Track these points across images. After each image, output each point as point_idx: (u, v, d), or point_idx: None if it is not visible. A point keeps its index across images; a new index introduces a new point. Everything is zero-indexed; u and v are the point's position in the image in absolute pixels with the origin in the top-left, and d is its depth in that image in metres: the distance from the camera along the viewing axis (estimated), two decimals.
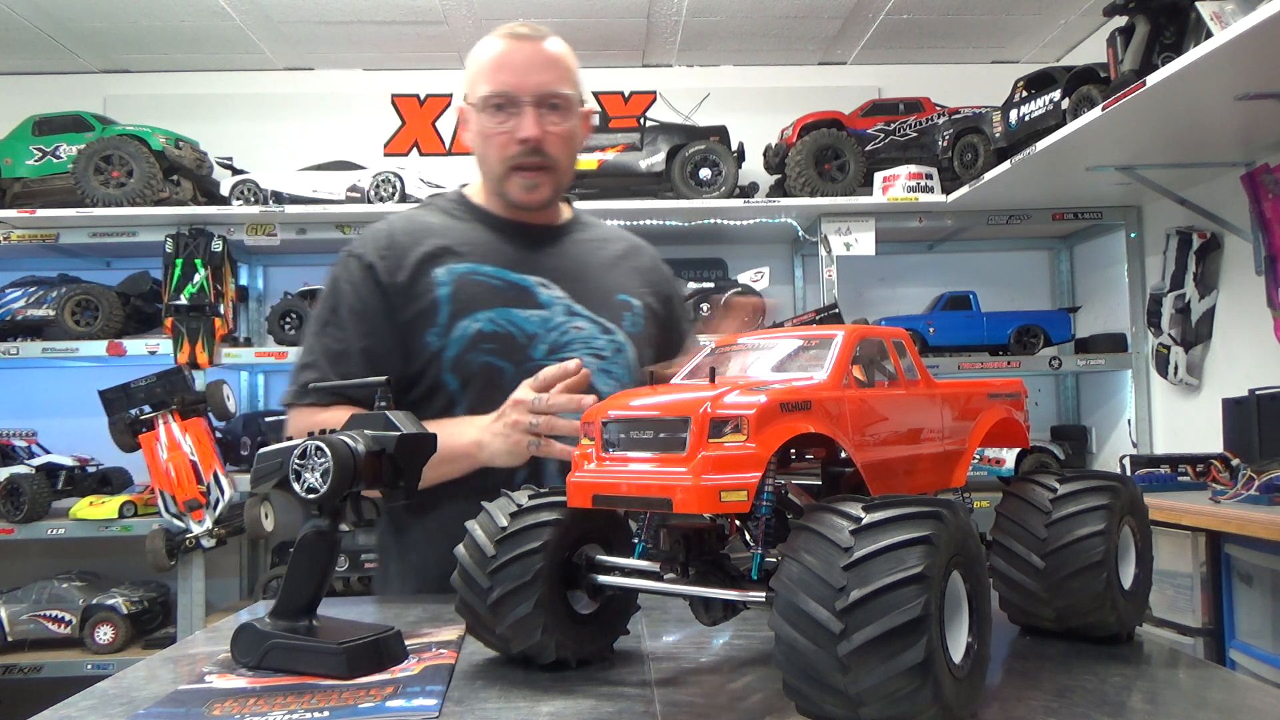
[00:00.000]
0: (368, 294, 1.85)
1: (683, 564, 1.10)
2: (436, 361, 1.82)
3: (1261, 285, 3.40)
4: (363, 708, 1.02)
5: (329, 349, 1.83)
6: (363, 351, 1.82)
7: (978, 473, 4.03)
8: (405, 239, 1.90)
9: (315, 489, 1.18)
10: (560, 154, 1.90)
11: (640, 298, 2.01)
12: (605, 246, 2.07)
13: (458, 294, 1.84)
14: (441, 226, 1.95)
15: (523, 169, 1.89)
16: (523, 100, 1.85)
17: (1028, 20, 4.47)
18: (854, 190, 4.23)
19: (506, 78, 1.86)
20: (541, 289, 1.90)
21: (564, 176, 1.96)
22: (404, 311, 1.84)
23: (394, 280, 1.85)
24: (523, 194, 1.91)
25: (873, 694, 0.84)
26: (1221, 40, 2.38)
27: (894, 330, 1.20)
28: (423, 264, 1.86)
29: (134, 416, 3.74)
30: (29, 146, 4.18)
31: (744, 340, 1.24)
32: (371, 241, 1.91)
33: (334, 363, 1.82)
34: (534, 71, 1.86)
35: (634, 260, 2.08)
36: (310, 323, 1.91)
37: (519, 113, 1.86)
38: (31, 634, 3.87)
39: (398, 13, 4.26)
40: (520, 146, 1.86)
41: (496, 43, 1.89)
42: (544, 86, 1.86)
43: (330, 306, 1.87)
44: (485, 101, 1.87)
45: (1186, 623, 2.76)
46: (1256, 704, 1.04)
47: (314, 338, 1.87)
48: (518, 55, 1.86)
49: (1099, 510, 1.19)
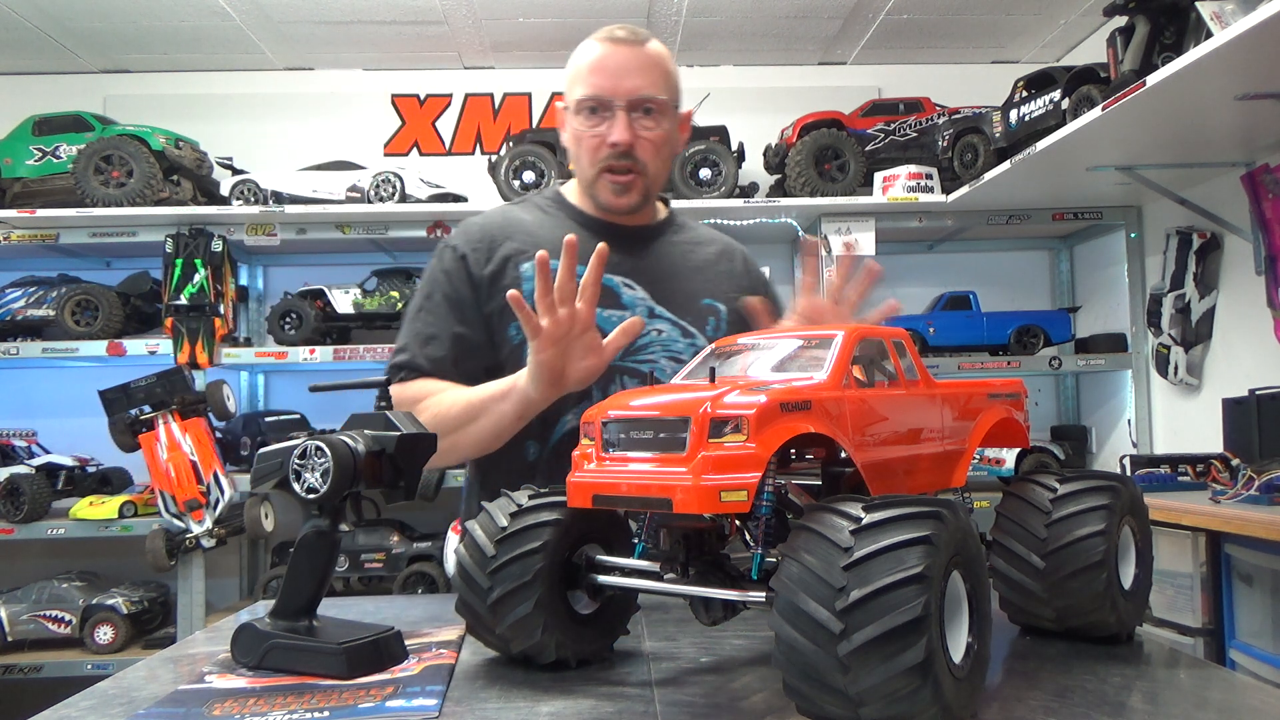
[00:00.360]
0: (460, 283, 1.91)
1: (683, 564, 1.10)
2: (517, 355, 1.84)
3: (1261, 285, 3.40)
4: (363, 708, 1.02)
5: (420, 332, 1.90)
6: (454, 338, 1.89)
7: (978, 473, 4.03)
8: (497, 233, 1.95)
9: (315, 489, 1.18)
10: (651, 159, 1.91)
11: (727, 303, 1.99)
12: (697, 249, 2.07)
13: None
14: (533, 223, 1.98)
15: (612, 171, 1.90)
16: (615, 104, 1.85)
17: (1028, 20, 4.47)
18: (854, 190, 4.23)
19: (601, 81, 1.86)
20: (625, 289, 1.91)
21: (655, 181, 1.96)
22: (491, 303, 1.90)
23: (483, 272, 1.90)
24: (612, 197, 1.93)
25: (873, 694, 0.84)
26: (1221, 40, 2.38)
27: (894, 330, 1.20)
28: (510, 258, 1.91)
29: (134, 416, 3.74)
30: (29, 146, 4.18)
31: (744, 340, 1.24)
32: (465, 234, 1.97)
33: (423, 345, 1.89)
34: (628, 76, 1.86)
35: (725, 264, 2.08)
36: (408, 310, 1.98)
37: (611, 117, 1.86)
38: (31, 634, 3.87)
39: (398, 13, 4.26)
40: (610, 150, 1.87)
41: (595, 46, 1.90)
42: (637, 91, 1.86)
43: (425, 294, 1.94)
44: (579, 105, 1.88)
45: (1186, 623, 2.76)
46: (1256, 704, 1.04)
47: (409, 323, 1.94)
48: (613, 59, 1.87)
49: (1099, 510, 1.19)
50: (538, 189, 4.19)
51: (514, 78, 4.90)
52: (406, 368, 1.89)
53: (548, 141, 4.25)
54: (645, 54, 1.89)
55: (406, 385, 1.87)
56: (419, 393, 1.84)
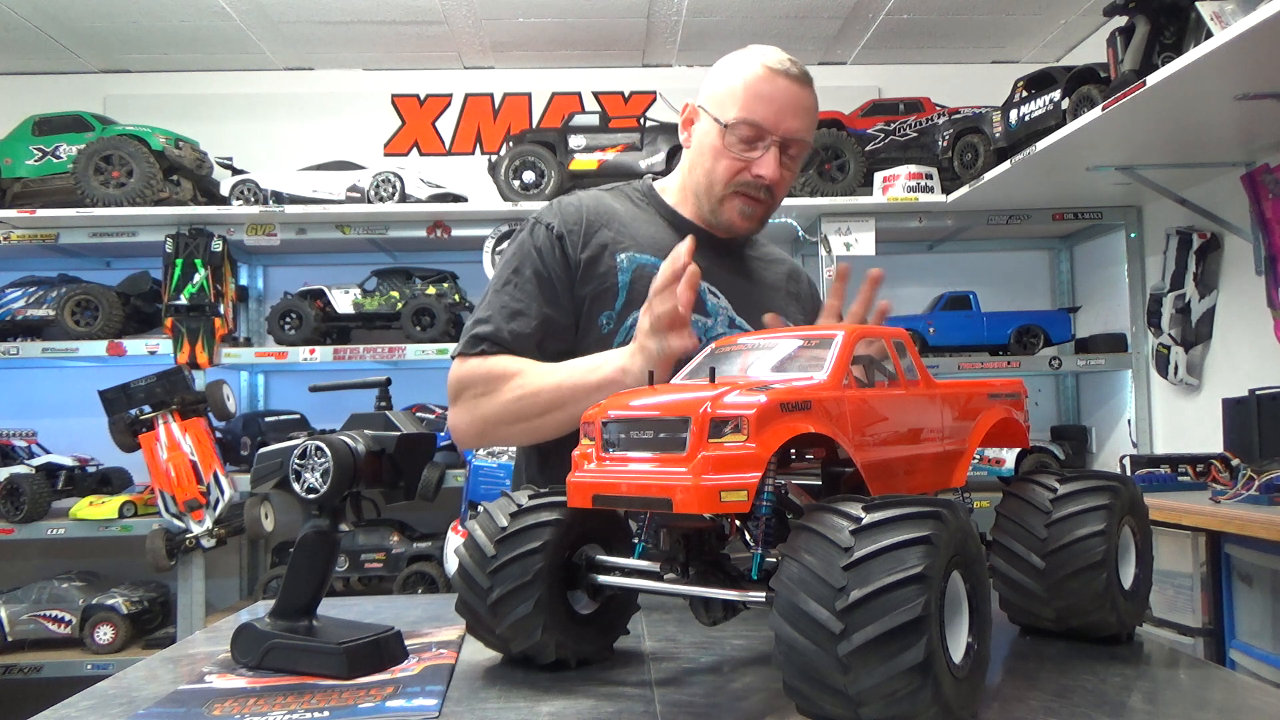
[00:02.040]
0: (554, 262, 1.86)
1: (683, 564, 1.10)
2: (603, 344, 1.82)
3: (1261, 285, 3.40)
4: (363, 708, 1.02)
5: (506, 305, 1.84)
6: (542, 318, 1.83)
7: (978, 473, 4.03)
8: (594, 218, 1.91)
9: (315, 489, 1.18)
10: (780, 195, 1.92)
11: (795, 322, 2.02)
12: (771, 267, 2.09)
13: (635, 283, 1.84)
14: (627, 215, 1.96)
15: (746, 196, 1.89)
16: (772, 139, 1.84)
17: (1028, 20, 4.47)
18: (854, 190, 4.23)
19: (765, 111, 1.83)
20: (710, 296, 1.91)
21: (770, 214, 1.98)
22: (584, 288, 1.86)
23: (579, 255, 1.86)
24: (738, 219, 1.92)
25: (873, 694, 0.84)
26: (1221, 40, 2.38)
27: (894, 330, 1.20)
28: (607, 246, 1.88)
29: (134, 416, 3.74)
30: (29, 146, 4.18)
31: (744, 340, 1.24)
32: (562, 213, 1.92)
33: (509, 319, 1.82)
34: (791, 115, 1.84)
35: (794, 285, 2.11)
36: (492, 282, 1.91)
37: (764, 149, 1.84)
38: (31, 634, 3.87)
39: (398, 13, 4.26)
40: (753, 179, 1.86)
41: (763, 70, 1.85)
42: (795, 132, 1.85)
43: (514, 267, 1.87)
44: (734, 126, 1.84)
45: (1186, 623, 2.76)
46: (1256, 704, 1.04)
47: (494, 294, 1.87)
48: (782, 93, 1.83)
49: (1099, 510, 1.19)
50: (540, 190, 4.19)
51: (514, 78, 4.90)
52: (490, 340, 1.82)
53: (548, 141, 4.25)
54: (809, 96, 1.88)
55: (488, 359, 1.81)
56: (503, 370, 1.78)
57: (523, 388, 1.74)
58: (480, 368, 1.80)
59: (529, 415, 1.75)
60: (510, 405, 1.75)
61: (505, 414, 1.76)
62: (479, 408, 1.79)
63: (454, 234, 4.18)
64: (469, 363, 1.82)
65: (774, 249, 2.17)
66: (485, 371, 1.79)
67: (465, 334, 1.86)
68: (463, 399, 1.82)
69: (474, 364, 1.81)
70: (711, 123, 1.88)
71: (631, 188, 2.06)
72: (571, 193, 2.00)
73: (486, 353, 1.82)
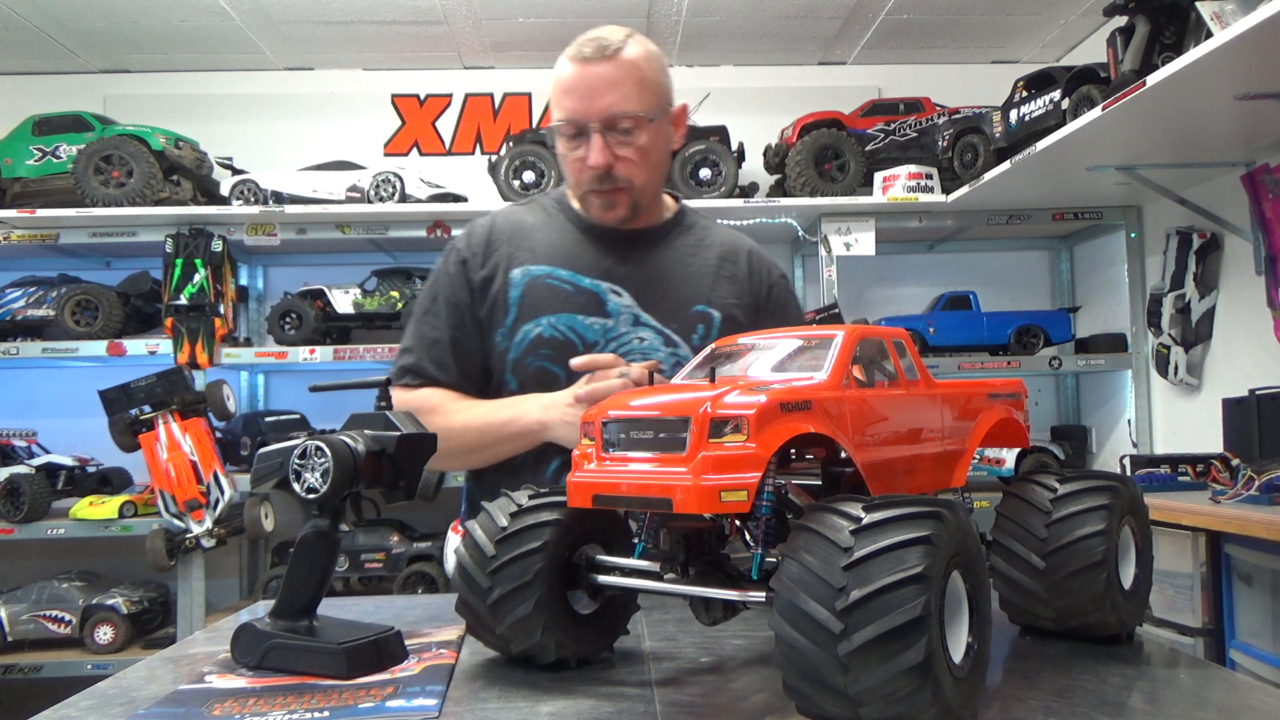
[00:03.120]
0: (459, 288, 1.93)
1: (683, 564, 1.10)
2: (502, 361, 1.89)
3: (1261, 285, 3.40)
4: (363, 708, 1.02)
5: (425, 335, 1.93)
6: (452, 341, 1.91)
7: (978, 473, 4.03)
8: (496, 236, 1.96)
9: (315, 489, 1.18)
10: (634, 174, 1.87)
11: (724, 309, 1.95)
12: (698, 253, 2.01)
13: (526, 297, 1.88)
14: (533, 226, 1.98)
15: (598, 192, 1.89)
16: (590, 127, 1.83)
17: (1028, 20, 4.46)
18: (854, 190, 4.22)
19: (572, 104, 1.84)
20: (612, 296, 1.90)
21: (644, 191, 1.92)
22: (481, 308, 1.92)
23: (478, 276, 1.93)
24: (601, 214, 1.93)
25: (873, 694, 0.84)
26: (1221, 40, 2.38)
27: (894, 330, 1.20)
28: (503, 264, 1.92)
29: (134, 416, 3.74)
30: (29, 146, 4.18)
31: (744, 340, 1.24)
32: (468, 236, 1.99)
33: (429, 350, 1.92)
34: (599, 95, 1.81)
35: (727, 268, 2.01)
36: (415, 310, 1.99)
37: (588, 139, 1.84)
38: (31, 634, 3.87)
39: (398, 13, 4.25)
40: (591, 172, 1.86)
41: (565, 65, 1.86)
42: (609, 110, 1.81)
43: (431, 295, 1.96)
44: (558, 130, 1.87)
45: (1186, 623, 2.76)
46: (1256, 704, 1.04)
47: (415, 324, 1.96)
48: (584, 80, 1.82)
49: (1099, 510, 1.19)
50: (541, 190, 4.20)
51: (514, 78, 4.90)
52: (413, 372, 1.91)
53: (548, 141, 4.24)
54: (615, 68, 1.82)
55: (413, 392, 1.89)
56: (429, 406, 1.85)
57: (446, 428, 1.76)
58: (409, 403, 1.84)
59: (453, 452, 1.83)
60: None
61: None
62: None
63: (454, 234, 4.17)
64: (397, 395, 1.86)
65: (713, 231, 2.10)
66: (414, 406, 1.77)
67: (394, 365, 1.95)
68: None
69: (402, 397, 1.87)
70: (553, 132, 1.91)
71: (548, 197, 2.07)
72: (488, 213, 2.05)
73: (410, 385, 1.89)
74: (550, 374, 1.85)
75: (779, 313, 2.04)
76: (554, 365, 1.85)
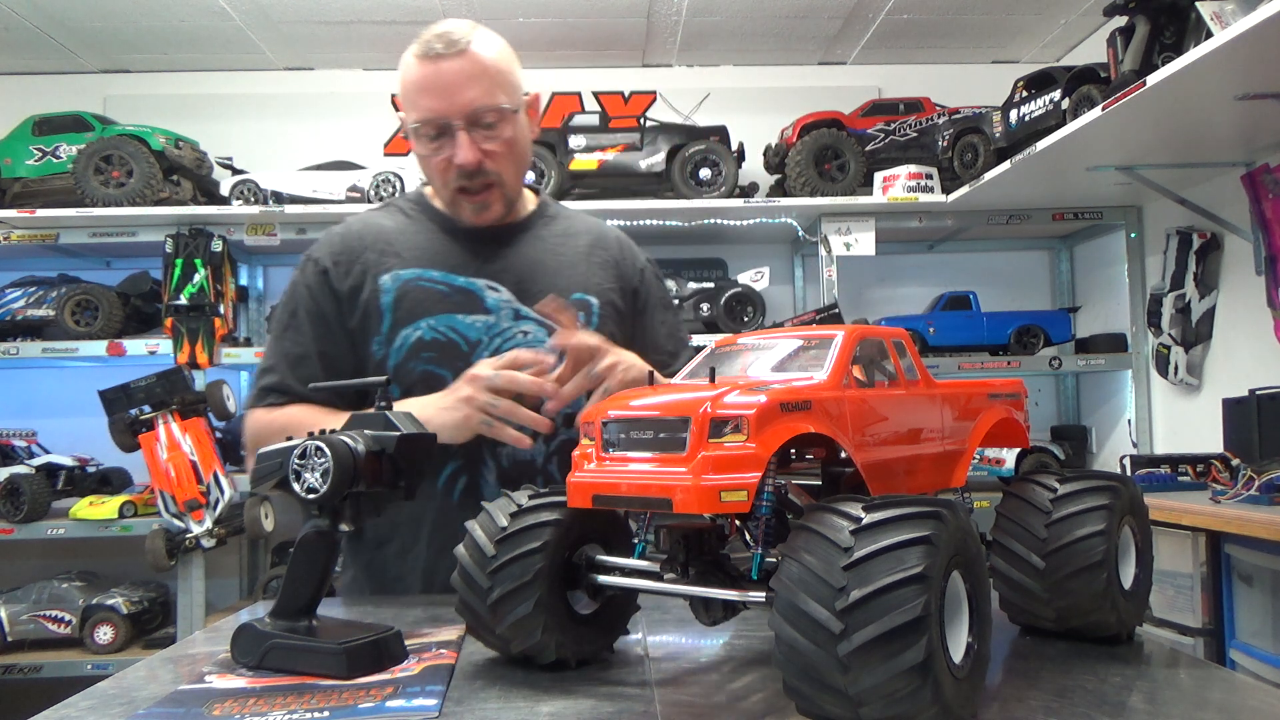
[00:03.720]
0: (322, 299, 1.85)
1: (683, 564, 1.10)
2: (380, 370, 1.82)
3: (1261, 285, 3.40)
4: (363, 708, 1.02)
5: (288, 352, 1.84)
6: (319, 355, 1.83)
7: (978, 473, 4.03)
8: (357, 243, 1.88)
9: (315, 489, 1.18)
10: (503, 167, 1.85)
11: (601, 295, 1.94)
12: (567, 242, 1.99)
13: (400, 301, 1.82)
14: (395, 230, 1.92)
15: (467, 192, 1.85)
16: (454, 125, 1.78)
17: (1028, 20, 4.47)
18: (854, 190, 4.23)
19: (433, 103, 1.78)
20: (489, 292, 1.86)
21: (513, 185, 1.91)
22: (352, 318, 1.84)
23: (343, 286, 1.85)
24: (474, 216, 1.89)
25: (873, 694, 0.84)
26: (1221, 40, 2.38)
27: (894, 330, 1.20)
28: (370, 270, 1.85)
29: (134, 416, 3.74)
30: (29, 146, 4.18)
31: (744, 340, 1.24)
32: (327, 245, 1.90)
33: (293, 366, 1.83)
34: (459, 91, 1.77)
35: (599, 254, 2.00)
36: (272, 326, 1.91)
37: (452, 137, 1.79)
38: (31, 634, 3.87)
39: (398, 13, 4.26)
40: (459, 171, 1.82)
41: (416, 64, 1.80)
42: (472, 105, 1.77)
43: (290, 310, 1.87)
44: (417, 131, 1.81)
45: (1186, 623, 2.76)
46: (1256, 704, 1.04)
47: (275, 341, 1.87)
48: (440, 77, 1.77)
49: (1099, 510, 1.19)
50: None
51: None
52: (277, 390, 1.82)
53: (548, 141, 4.25)
54: (470, 62, 1.78)
55: (279, 411, 1.80)
56: (299, 421, 1.74)
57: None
58: (275, 421, 1.78)
59: None
60: None
61: None
62: None
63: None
64: (261, 415, 1.81)
65: (576, 219, 2.07)
66: (280, 425, 1.76)
67: (254, 385, 1.85)
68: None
69: (267, 417, 1.80)
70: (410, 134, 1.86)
71: (404, 199, 2.02)
72: (343, 220, 1.98)
73: (275, 405, 1.81)
74: (436, 376, 1.79)
75: (653, 296, 2.04)
76: (439, 368, 1.80)
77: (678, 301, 4.26)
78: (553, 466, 1.83)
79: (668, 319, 2.07)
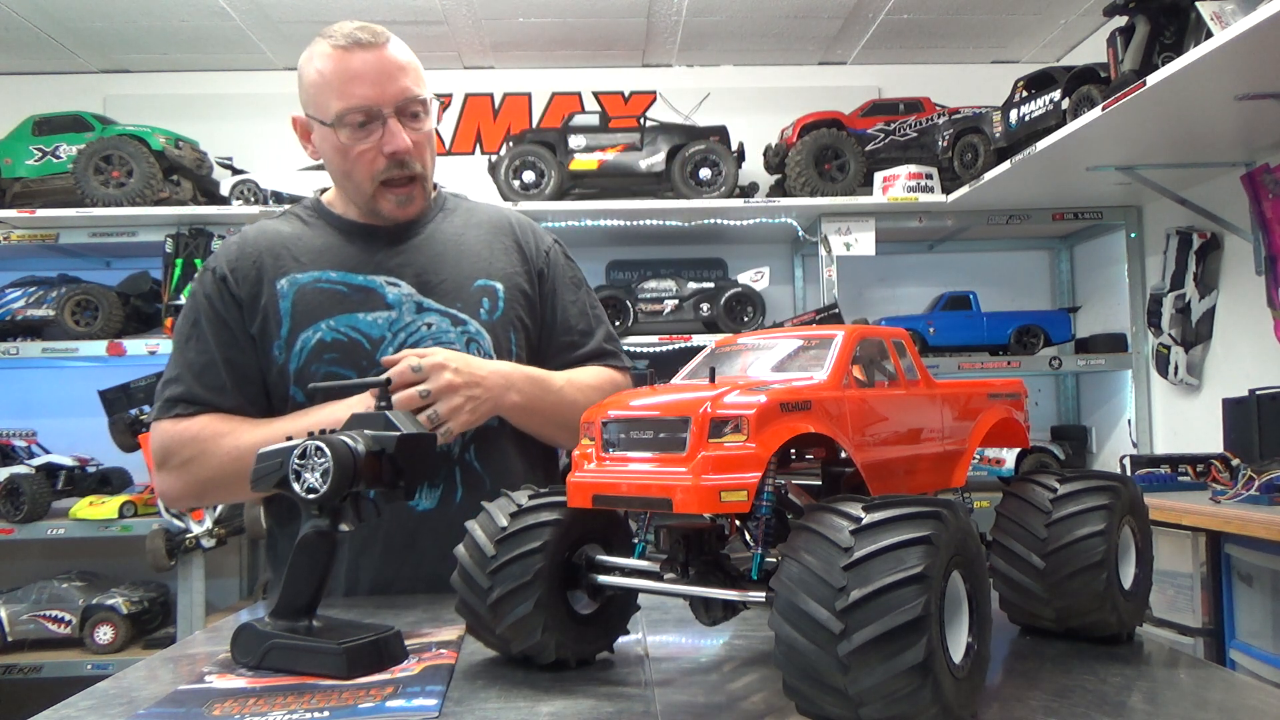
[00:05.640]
0: (223, 306, 1.83)
1: (683, 564, 1.10)
2: (283, 375, 1.80)
3: (1261, 285, 3.40)
4: (363, 708, 1.02)
5: (192, 362, 1.80)
6: (225, 362, 1.80)
7: (978, 473, 4.03)
8: (253, 250, 1.86)
9: (315, 489, 1.18)
10: (426, 160, 1.87)
11: (506, 280, 1.93)
12: (467, 232, 1.98)
13: (297, 305, 1.81)
14: (292, 235, 1.90)
15: (392, 184, 1.84)
16: (384, 113, 1.78)
17: (1028, 20, 4.47)
18: (854, 190, 4.23)
19: (366, 90, 1.76)
20: (389, 288, 1.84)
21: (429, 180, 1.92)
22: (251, 325, 1.82)
23: (242, 292, 1.83)
24: (397, 210, 1.87)
25: (873, 694, 0.84)
26: (1221, 40, 2.38)
27: (894, 330, 1.20)
28: (267, 276, 1.83)
29: (134, 416, 3.74)
30: (29, 146, 4.18)
31: (744, 340, 1.24)
32: (224, 254, 1.88)
33: (199, 375, 1.79)
34: (390, 80, 1.78)
35: (501, 240, 1.99)
36: (175, 338, 1.88)
37: (382, 126, 1.78)
38: (31, 634, 3.87)
39: (398, 13, 4.26)
40: (389, 160, 1.81)
41: (338, 54, 1.78)
42: (404, 94, 1.79)
43: (192, 320, 1.84)
44: (343, 118, 1.78)
45: (1186, 623, 2.76)
46: (1256, 704, 1.04)
47: (179, 352, 1.84)
48: (369, 66, 1.77)
49: (1099, 510, 1.19)
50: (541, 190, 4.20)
51: (514, 78, 4.90)
52: (184, 401, 1.78)
53: (548, 141, 4.25)
54: (397, 52, 1.81)
55: (187, 422, 1.76)
56: (211, 431, 1.73)
57: (237, 448, 1.70)
58: (185, 431, 1.75)
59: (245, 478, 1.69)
60: (227, 466, 1.71)
61: (222, 475, 1.72)
62: (191, 471, 1.75)
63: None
64: (168, 427, 1.78)
65: (476, 209, 2.07)
66: (191, 435, 1.74)
67: (159, 397, 1.82)
68: (170, 464, 1.77)
69: (175, 428, 1.76)
70: (321, 127, 1.83)
71: (301, 207, 2.00)
72: (241, 229, 1.96)
73: (182, 415, 1.77)
74: (340, 378, 1.76)
75: (561, 277, 2.03)
76: (343, 368, 1.78)
77: (678, 301, 4.27)
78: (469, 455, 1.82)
79: (580, 298, 2.05)
